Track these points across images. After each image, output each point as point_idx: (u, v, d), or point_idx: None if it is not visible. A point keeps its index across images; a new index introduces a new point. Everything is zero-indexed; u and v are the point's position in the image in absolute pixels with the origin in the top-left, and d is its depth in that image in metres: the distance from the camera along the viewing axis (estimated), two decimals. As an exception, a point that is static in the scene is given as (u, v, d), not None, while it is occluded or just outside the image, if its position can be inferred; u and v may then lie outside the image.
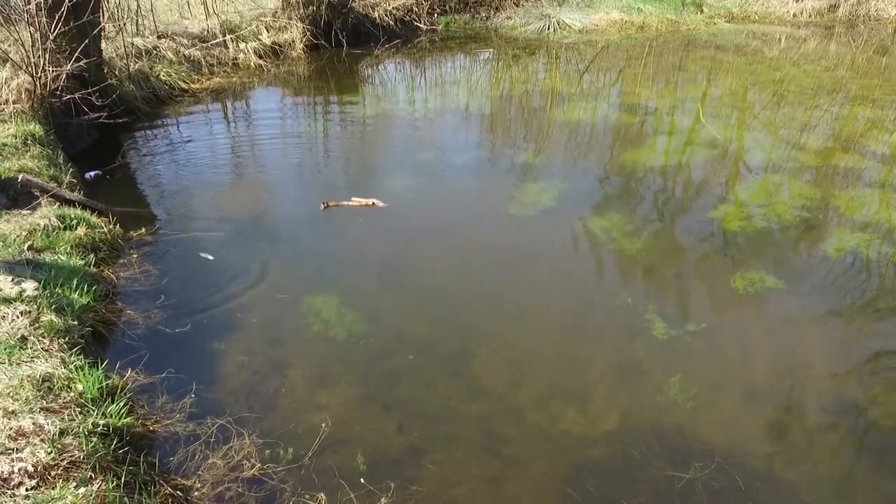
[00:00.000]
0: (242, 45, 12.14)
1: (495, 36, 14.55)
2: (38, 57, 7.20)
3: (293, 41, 12.80)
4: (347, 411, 3.81)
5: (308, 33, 12.79)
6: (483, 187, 6.90)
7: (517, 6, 15.87)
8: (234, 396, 3.89)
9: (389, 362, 4.23)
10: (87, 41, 7.73)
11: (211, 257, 5.48)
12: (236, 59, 11.93)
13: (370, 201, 6.28)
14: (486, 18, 15.70)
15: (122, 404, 3.42)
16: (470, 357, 4.29)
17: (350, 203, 6.30)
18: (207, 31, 12.03)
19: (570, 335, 4.53)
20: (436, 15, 15.33)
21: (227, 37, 12.04)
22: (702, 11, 15.73)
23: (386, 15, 14.26)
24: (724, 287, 5.05)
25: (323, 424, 3.61)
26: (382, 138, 8.68)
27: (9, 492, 2.75)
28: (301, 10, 12.78)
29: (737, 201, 6.49)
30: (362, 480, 3.27)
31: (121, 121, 7.88)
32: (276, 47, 12.54)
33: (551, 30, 14.34)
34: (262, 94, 10.70)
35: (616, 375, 4.14)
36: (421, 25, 14.82)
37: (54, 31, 7.29)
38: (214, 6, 12.50)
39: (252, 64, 11.90)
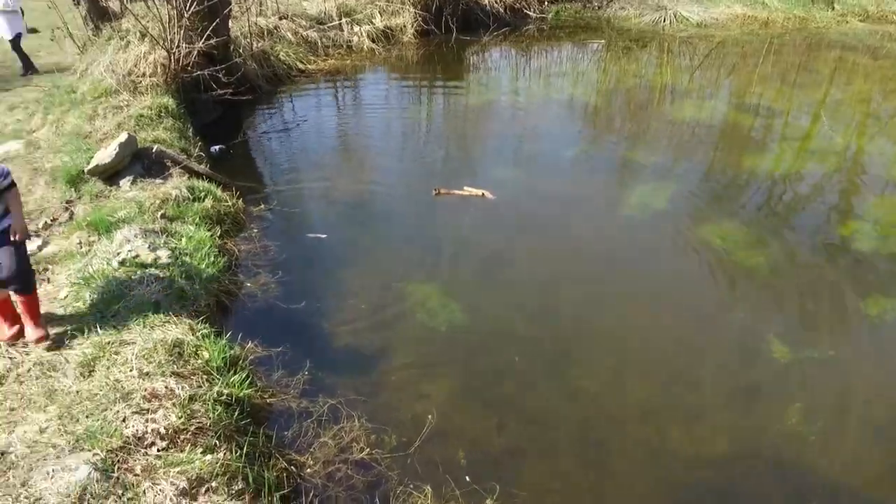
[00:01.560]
0: (357, 29, 12.32)
1: (607, 26, 14.07)
2: (174, 34, 7.55)
3: (405, 26, 12.87)
4: (449, 404, 3.78)
5: (419, 18, 12.82)
6: (591, 184, 6.68)
7: (631, -4, 15.27)
8: (343, 377, 3.95)
9: (490, 358, 4.17)
10: (217, 20, 8.04)
11: (323, 236, 5.59)
12: (350, 41, 12.12)
13: (481, 192, 6.21)
14: (599, 8, 15.20)
15: (243, 375, 3.53)
16: (572, 359, 4.16)
17: (461, 192, 6.26)
18: (325, 14, 12.29)
19: (679, 347, 4.31)
20: (546, 3, 14.99)
21: (343, 20, 12.24)
22: (833, 8, 14.58)
23: (496, 2, 14.07)
24: (855, 312, 4.65)
25: (430, 417, 3.60)
26: (488, 127, 8.58)
27: (142, 450, 2.89)
28: (415, -4, 12.83)
29: (870, 218, 5.97)
30: (468, 479, 3.23)
31: (244, 98, 8.17)
32: (388, 31, 12.65)
33: (667, 22, 13.70)
34: (372, 77, 10.83)
35: (729, 396, 3.90)
36: (531, 13, 14.55)
37: (189, 9, 7.62)
38: (334, -11, 12.73)
39: (365, 47, 12.06)
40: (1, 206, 3.42)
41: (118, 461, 2.77)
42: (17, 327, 3.58)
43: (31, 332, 3.57)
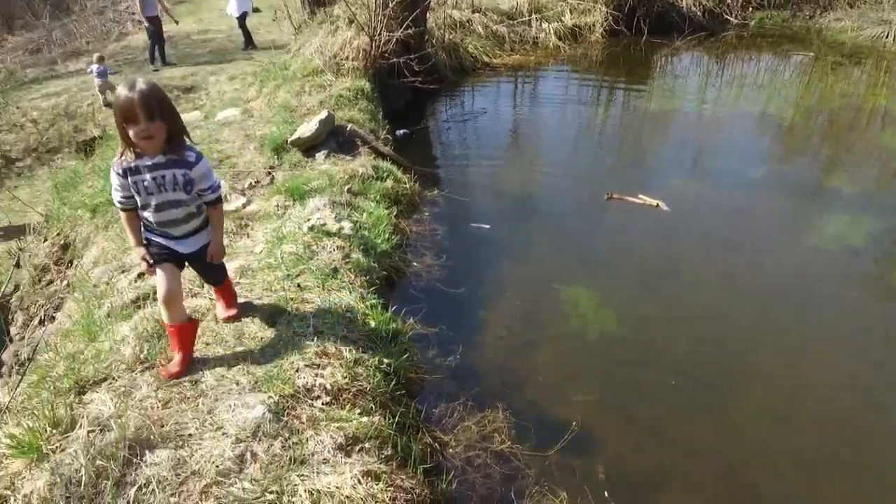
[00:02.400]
0: (545, 26, 12.27)
1: (817, 38, 12.73)
2: (378, 21, 8.02)
3: (594, 25, 12.59)
4: (594, 414, 3.68)
5: (610, 18, 12.46)
6: (778, 207, 6.11)
7: (851, 7, 13.65)
8: (492, 367, 4.01)
9: (642, 374, 4.00)
10: (417, 11, 8.41)
11: (486, 227, 5.68)
12: (537, 38, 12.10)
13: (655, 202, 5.95)
14: (810, 18, 13.79)
15: (402, 348, 3.71)
16: (731, 393, 3.86)
17: (635, 200, 6.04)
18: (516, 10, 12.37)
19: (855, 402, 3.83)
20: (751, 9, 13.87)
21: (533, 16, 12.24)
22: None
23: (695, 5, 13.28)
24: None
25: (573, 424, 3.54)
26: (669, 134, 8.17)
27: (309, 401, 3.14)
28: (609, -5, 12.49)
29: None
30: (606, 494, 3.15)
31: (431, 87, 8.49)
32: (576, 29, 12.45)
33: (890, 38, 12.09)
34: (554, 74, 10.74)
35: (916, 466, 3.41)
36: (731, 19, 13.55)
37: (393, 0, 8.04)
38: (527, -15, 12.76)
39: (550, 44, 11.99)
40: (198, 220, 3.02)
41: (288, 407, 3.04)
42: (234, 310, 3.57)
43: (221, 310, 3.58)
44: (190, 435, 2.76)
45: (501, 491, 3.16)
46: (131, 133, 2.57)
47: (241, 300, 3.84)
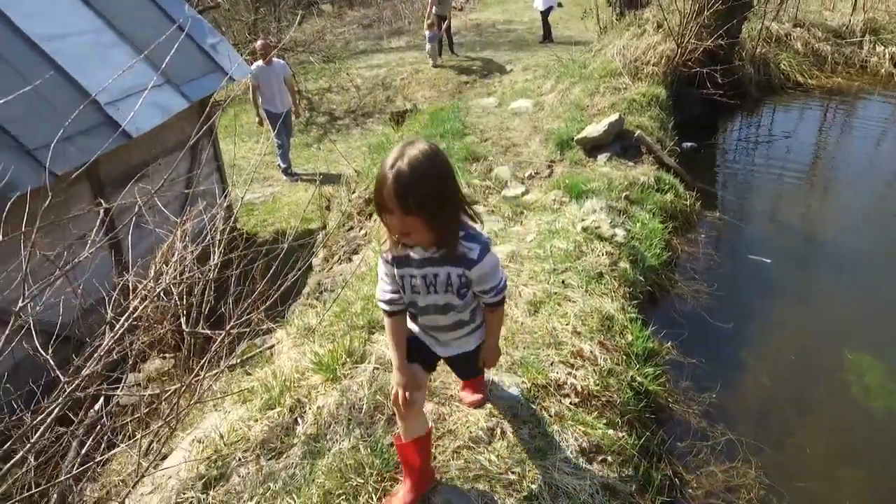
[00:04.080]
0: (879, 49, 10.49)
1: None
2: (688, 29, 7.60)
3: (948, 53, 10.42)
4: (862, 496, 3.14)
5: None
6: None
7: None
8: (749, 418, 3.63)
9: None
10: (733, 21, 7.79)
11: (767, 261, 5.12)
12: (866, 61, 10.42)
13: None
14: None
15: (657, 371, 3.54)
16: None
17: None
18: (846, 28, 10.78)
19: None
20: None
21: (867, 37, 10.55)
22: None
23: None
24: None
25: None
26: None
27: (558, 397, 3.17)
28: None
29: None
30: None
31: (731, 101, 7.85)
32: (923, 57, 10.43)
33: None
34: (878, 106, 9.16)
35: None
36: None
37: (710, 6, 7.54)
38: (865, 2, 11.04)
39: (882, 70, 10.23)
40: (469, 327, 2.28)
41: (538, 396, 3.10)
42: (480, 395, 2.90)
43: (467, 394, 2.92)
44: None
45: (739, 552, 2.87)
46: (384, 220, 1.91)
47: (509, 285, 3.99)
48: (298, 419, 2.90)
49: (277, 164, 9.35)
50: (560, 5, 15.13)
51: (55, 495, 2.90)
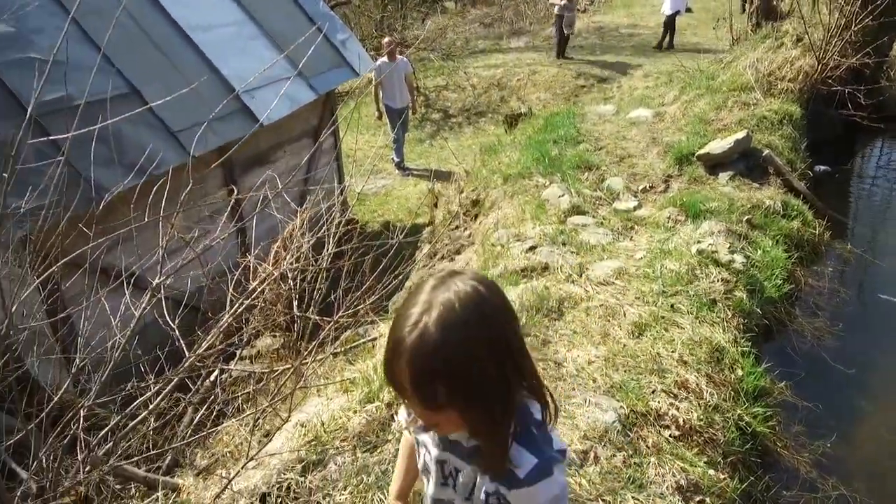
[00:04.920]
0: None
1: None
2: (832, 45, 7.00)
3: None
4: None
5: None
6: None
7: None
8: (864, 472, 3.32)
9: None
10: (884, 38, 7.09)
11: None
12: None
13: None
14: None
15: (767, 412, 3.30)
16: None
17: None
18: None
19: None
20: None
21: None
22: None
23: None
24: None
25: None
26: None
27: (657, 427, 3.03)
28: None
29: None
30: None
31: (874, 125, 7.15)
32: None
33: None
34: None
35: None
36: None
37: (859, 21, 6.91)
38: None
39: None
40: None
41: (636, 424, 2.98)
42: None
43: None
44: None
45: None
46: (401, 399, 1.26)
47: (614, 300, 3.87)
48: (394, 416, 2.96)
49: (392, 157, 9.59)
50: (689, 10, 14.44)
51: (169, 456, 3.14)
